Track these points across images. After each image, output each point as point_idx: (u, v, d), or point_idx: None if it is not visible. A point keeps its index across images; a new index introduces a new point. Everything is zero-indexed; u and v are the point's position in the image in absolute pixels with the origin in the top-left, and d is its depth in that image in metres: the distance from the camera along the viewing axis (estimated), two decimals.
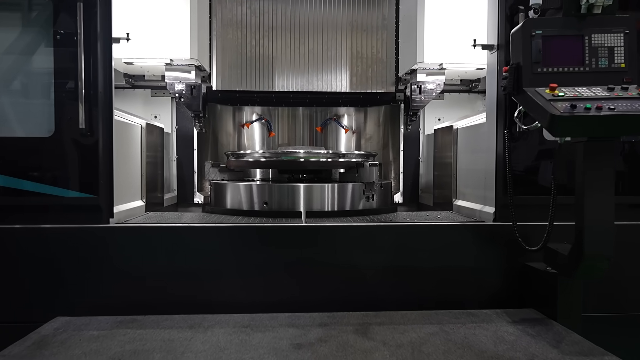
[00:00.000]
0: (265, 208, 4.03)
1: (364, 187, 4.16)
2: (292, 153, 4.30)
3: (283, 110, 5.87)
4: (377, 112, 5.81)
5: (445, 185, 4.79)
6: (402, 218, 3.90)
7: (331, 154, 4.36)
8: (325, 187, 4.05)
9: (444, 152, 4.87)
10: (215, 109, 5.63)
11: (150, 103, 5.48)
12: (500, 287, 3.49)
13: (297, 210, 3.98)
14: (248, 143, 5.80)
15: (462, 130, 4.45)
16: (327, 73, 5.31)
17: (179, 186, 5.51)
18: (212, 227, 3.41)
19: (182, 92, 4.62)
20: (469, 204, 4.16)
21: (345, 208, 4.09)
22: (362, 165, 4.18)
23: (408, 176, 5.69)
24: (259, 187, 4.08)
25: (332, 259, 3.38)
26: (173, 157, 5.50)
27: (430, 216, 4.03)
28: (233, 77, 5.23)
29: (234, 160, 4.52)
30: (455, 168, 4.55)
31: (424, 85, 4.78)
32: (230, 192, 4.22)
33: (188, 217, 3.84)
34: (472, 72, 5.02)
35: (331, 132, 5.91)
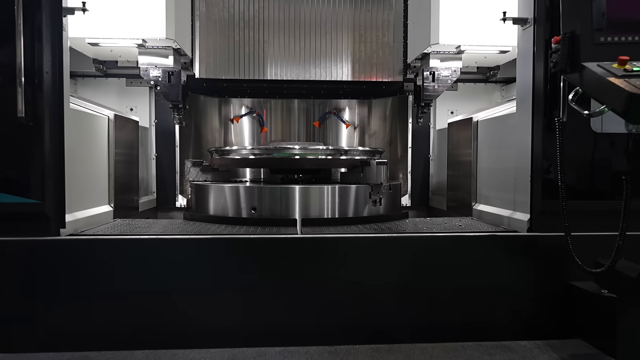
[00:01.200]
0: (253, 214, 3.39)
1: (370, 189, 3.53)
2: (285, 149, 3.67)
3: (276, 103, 5.23)
4: (382, 105, 5.18)
5: (461, 187, 4.17)
6: (417, 226, 3.27)
7: (331, 150, 3.73)
8: (325, 189, 3.42)
9: (459, 148, 4.24)
10: (199, 100, 4.99)
11: (126, 94, 4.84)
12: (538, 312, 2.87)
13: (291, 217, 3.34)
14: (236, 140, 5.16)
15: (485, 123, 3.82)
16: (326, 59, 4.68)
17: (159, 188, 4.87)
18: (187, 239, 2.77)
19: (158, 79, 3.98)
20: (493, 209, 3.54)
21: (347, 214, 3.46)
22: (367, 163, 3.55)
23: (417, 176, 5.06)
24: (247, 190, 3.44)
25: (334, 279, 2.76)
26: (152, 154, 4.86)
27: (449, 223, 3.41)
28: (219, 64, 4.59)
29: (218, 158, 3.88)
30: (475, 167, 3.93)
31: (438, 72, 4.15)
32: (214, 195, 3.58)
33: (160, 226, 3.20)
34: (492, 57, 4.39)
35: (330, 128, 5.28)
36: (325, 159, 3.65)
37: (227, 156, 3.82)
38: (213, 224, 3.34)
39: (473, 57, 4.41)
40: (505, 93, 5.06)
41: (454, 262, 2.86)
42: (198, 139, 5.01)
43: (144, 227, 3.18)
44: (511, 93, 4.94)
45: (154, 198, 4.85)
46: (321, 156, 3.65)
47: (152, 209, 4.76)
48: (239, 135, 5.17)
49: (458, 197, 4.25)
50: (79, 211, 3.05)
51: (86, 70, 4.58)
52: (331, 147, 3.73)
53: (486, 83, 5.10)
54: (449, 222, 3.47)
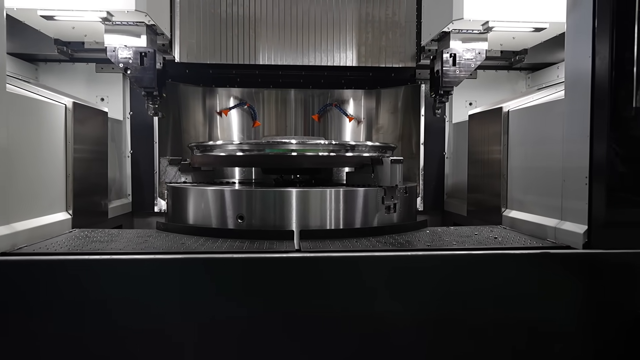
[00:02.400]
0: (241, 225, 2.76)
1: (384, 193, 2.91)
2: (280, 144, 3.04)
3: (270, 94, 4.61)
4: (391, 96, 4.56)
5: (485, 189, 3.56)
6: (442, 239, 2.65)
7: (335, 146, 3.09)
8: (327, 193, 2.79)
9: (484, 144, 3.62)
10: (180, 90, 4.35)
11: (95, 81, 4.19)
12: (602, 348, 2.25)
13: (287, 228, 2.71)
14: (224, 135, 4.52)
15: (518, 114, 3.21)
16: (327, 42, 4.05)
17: (135, 190, 4.23)
18: (150, 260, 2.14)
19: (129, 62, 3.34)
20: (531, 217, 2.93)
21: (354, 225, 2.83)
22: (380, 161, 2.93)
23: (430, 177, 4.44)
24: (233, 194, 2.81)
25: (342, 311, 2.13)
26: (126, 152, 4.22)
27: (481, 235, 2.79)
28: (203, 47, 3.94)
29: (200, 155, 3.25)
30: (505, 166, 3.31)
31: (460, 55, 3.52)
32: (193, 200, 2.95)
33: (124, 240, 2.56)
34: (521, 38, 3.77)
35: (332, 122, 4.67)
36: (327, 156, 3.02)
37: (211, 152, 3.18)
38: (191, 236, 2.70)
39: (499, 38, 3.78)
40: (531, 82, 4.44)
41: (494, 287, 2.25)
42: (180, 134, 4.37)
43: (102, 240, 2.55)
44: (538, 81, 4.33)
45: (129, 202, 4.21)
46: (323, 152, 3.02)
47: (126, 214, 4.12)
48: (227, 129, 4.54)
49: (482, 201, 3.63)
50: (19, 221, 2.43)
51: (49, 53, 3.93)
52: (335, 142, 3.10)
53: (509, 70, 4.48)
54: (479, 234, 2.84)
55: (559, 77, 3.97)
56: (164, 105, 4.12)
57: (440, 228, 3.08)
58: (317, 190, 2.78)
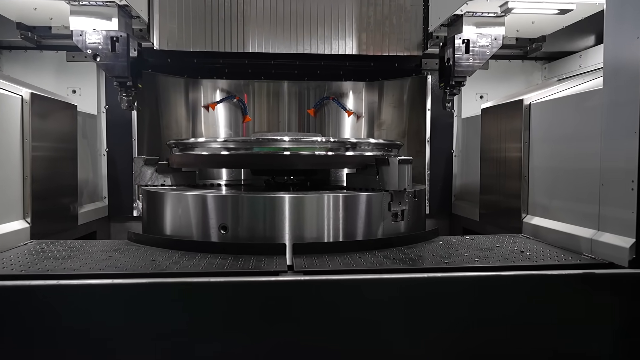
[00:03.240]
0: (224, 237, 2.36)
1: (390, 198, 2.52)
2: (271, 142, 2.63)
3: (261, 86, 4.20)
4: (394, 88, 4.16)
5: (501, 192, 3.18)
6: (459, 252, 2.25)
7: (334, 144, 2.69)
8: (325, 199, 2.39)
9: (499, 141, 3.24)
10: (160, 81, 3.93)
11: (66, 72, 3.77)
12: None
13: (278, 241, 2.31)
14: (210, 131, 4.12)
15: (542, 107, 2.82)
16: (324, 28, 3.64)
17: (112, 192, 3.82)
18: (107, 286, 1.73)
19: (98, 47, 2.93)
20: (560, 225, 2.57)
21: (356, 236, 2.44)
22: (385, 161, 2.53)
23: (437, 177, 4.05)
24: (215, 201, 2.41)
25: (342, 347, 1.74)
26: (101, 150, 3.80)
27: (503, 247, 2.40)
28: (185, 33, 3.53)
29: (180, 155, 2.84)
30: (526, 166, 2.93)
31: (474, 41, 3.13)
32: (170, 207, 2.55)
33: (83, 256, 2.16)
34: (541, 23, 3.39)
35: (329, 117, 4.27)
36: (325, 156, 2.62)
37: (191, 152, 2.78)
38: (166, 251, 2.30)
39: (516, 23, 3.40)
40: (547, 72, 4.05)
41: (527, 313, 1.87)
42: (161, 131, 3.96)
43: (59, 256, 2.14)
44: (556, 72, 3.94)
45: (105, 205, 3.80)
46: (319, 152, 2.62)
47: (101, 219, 3.72)
48: (214, 125, 4.13)
49: (497, 204, 3.25)
50: None
51: (12, 40, 3.50)
52: (333, 139, 2.69)
53: (524, 60, 4.09)
54: (501, 246, 2.46)
55: (581, 67, 3.59)
56: (143, 98, 3.71)
57: (454, 238, 2.69)
58: (313, 195, 2.38)
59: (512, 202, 3.04)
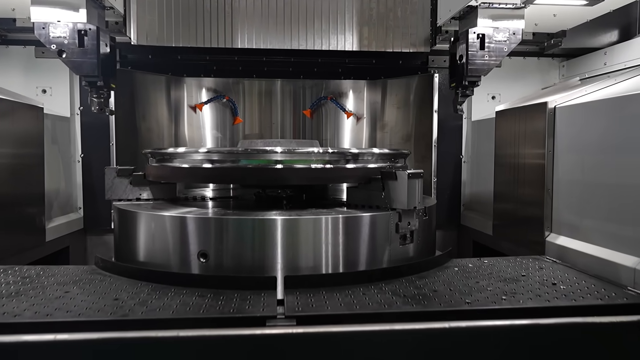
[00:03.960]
0: (205, 266, 2.01)
1: (398, 217, 2.17)
2: (261, 153, 2.27)
3: (251, 85, 3.84)
4: (397, 87, 3.80)
5: (517, 204, 2.86)
6: (483, 289, 1.92)
7: (332, 155, 2.33)
8: (323, 221, 2.04)
9: (516, 148, 2.90)
10: (138, 79, 3.55)
11: (36, 69, 3.39)
12: None
13: (267, 272, 1.96)
14: (196, 135, 3.76)
15: (570, 112, 2.48)
16: (322, 21, 3.28)
17: (88, 202, 3.46)
18: (50, 343, 1.38)
19: (64, 42, 2.56)
20: (593, 248, 2.24)
21: (359, 265, 2.10)
22: (392, 175, 2.18)
23: (444, 184, 3.70)
24: (194, 223, 2.05)
25: None
26: (76, 155, 3.45)
27: (531, 277, 2.06)
28: (167, 26, 3.16)
29: (156, 167, 2.48)
30: (550, 178, 2.59)
31: (490, 36, 2.77)
32: (143, 229, 2.19)
33: (33, 292, 1.80)
34: (564, 16, 3.05)
35: (327, 118, 3.92)
36: (322, 170, 2.26)
37: (170, 163, 2.42)
38: (135, 283, 1.95)
39: (535, 16, 3.05)
40: (566, 71, 3.70)
41: None
42: (143, 134, 3.59)
43: (4, 292, 1.79)
44: (576, 70, 3.59)
45: (80, 217, 3.45)
46: (316, 164, 2.26)
47: (75, 233, 3.37)
48: (201, 128, 3.77)
49: (514, 218, 2.91)
50: None
51: None
52: (331, 150, 2.33)
53: (540, 57, 3.74)
54: (528, 275, 2.12)
55: (606, 65, 3.24)
56: (121, 98, 3.36)
57: (470, 262, 2.35)
58: (309, 218, 2.03)
59: (532, 218, 2.70)
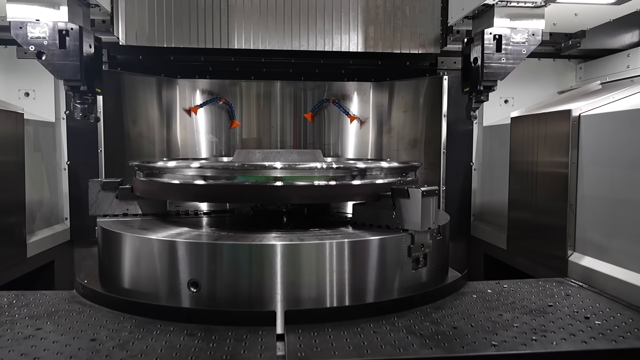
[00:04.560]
0: (197, 298, 1.80)
1: (411, 240, 1.96)
2: (258, 169, 2.05)
3: (249, 87, 3.63)
4: (404, 90, 3.59)
5: (533, 218, 2.67)
6: (507, 324, 1.71)
7: (337, 170, 2.11)
8: (327, 247, 1.83)
9: (533, 158, 2.70)
10: (126, 81, 3.33)
11: (18, 70, 3.18)
12: None
13: (265, 305, 1.75)
14: (190, 140, 3.54)
15: (598, 121, 2.27)
16: (325, 20, 3.06)
17: (75, 212, 3.25)
18: None
19: (43, 43, 2.34)
20: (626, 274, 2.06)
21: (367, 295, 1.88)
22: (404, 192, 1.97)
23: (454, 193, 3.49)
24: (186, 248, 1.84)
25: None
26: (61, 163, 3.23)
27: (559, 307, 1.86)
28: (158, 25, 2.94)
29: (144, 181, 2.26)
30: (573, 192, 2.38)
31: (507, 37, 2.56)
32: (128, 253, 1.98)
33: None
34: (586, 15, 2.83)
35: (329, 122, 3.71)
36: (326, 187, 2.04)
37: (159, 178, 2.20)
38: (118, 316, 1.74)
39: (555, 14, 2.83)
40: (583, 73, 3.49)
41: None
42: (132, 140, 3.38)
43: None
44: (595, 73, 3.37)
45: (67, 228, 3.23)
46: (320, 181, 2.04)
47: (61, 245, 3.16)
48: (195, 132, 3.56)
49: (530, 233, 2.71)
50: None
51: None
52: (335, 165, 2.11)
53: (555, 59, 3.52)
54: (555, 304, 1.91)
55: (629, 68, 3.03)
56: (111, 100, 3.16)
57: (489, 287, 2.14)
58: (312, 243, 1.81)
59: (552, 235, 2.50)
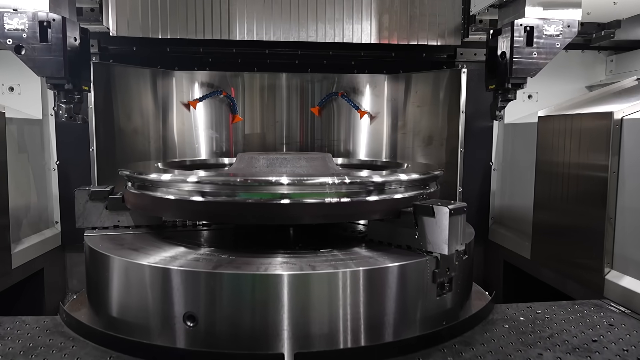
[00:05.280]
0: (193, 333, 1.57)
1: (436, 264, 1.73)
2: (263, 185, 1.80)
3: (252, 79, 3.38)
4: (420, 83, 3.32)
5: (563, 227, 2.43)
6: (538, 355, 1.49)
7: (352, 185, 1.84)
8: (340, 277, 1.60)
9: (565, 162, 2.45)
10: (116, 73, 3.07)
11: (1, 63, 2.93)
12: None
13: (270, 344, 1.53)
14: (187, 137, 3.30)
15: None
16: (335, 8, 2.79)
17: (66, 216, 3.02)
18: None
19: (22, 36, 2.09)
20: None
21: (387, 331, 1.65)
22: (428, 210, 1.73)
23: (471, 195, 3.25)
24: (181, 277, 1.61)
25: None
26: (50, 163, 3.01)
27: (608, 345, 1.63)
28: (152, 14, 2.68)
29: (135, 194, 2.02)
30: (613, 204, 2.15)
31: (540, 29, 2.29)
32: (117, 279, 1.75)
33: None
34: (625, 3, 2.55)
35: (338, 117, 3.46)
36: (338, 205, 1.79)
37: (151, 192, 1.95)
38: (104, 354, 1.52)
39: (591, 3, 2.56)
40: (614, 67, 3.21)
41: None
42: (127, 137, 3.14)
43: None
44: (628, 67, 3.11)
45: (57, 232, 3.02)
46: (331, 198, 1.79)
47: (52, 252, 2.95)
48: (193, 128, 3.31)
49: (560, 244, 2.48)
50: None
51: None
52: (349, 180, 1.85)
53: (584, 50, 3.25)
54: (599, 339, 1.69)
55: None
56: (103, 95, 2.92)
57: (520, 314, 1.91)
58: (323, 273, 1.58)
59: (585, 246, 2.28)
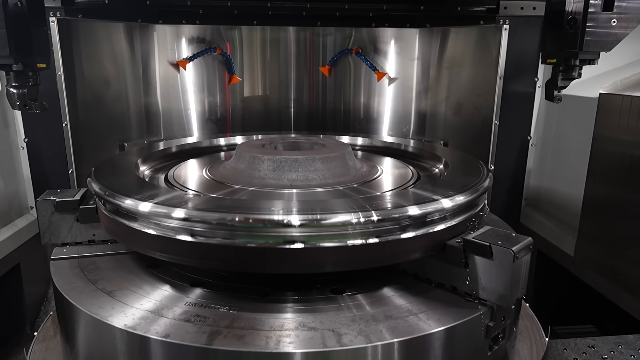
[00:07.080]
0: None
1: (491, 315, 1.35)
2: (267, 226, 1.31)
3: (251, 33, 2.89)
4: (452, 39, 2.82)
5: (626, 224, 2.04)
6: None
7: (379, 224, 1.31)
8: (369, 351, 1.21)
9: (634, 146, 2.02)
10: (83, 30, 2.56)
11: None
12: None
13: None
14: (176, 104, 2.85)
15: None
16: None
17: None
18: None
19: None
20: None
21: None
22: (485, 250, 1.33)
23: (504, 172, 2.85)
24: (164, 349, 1.23)
25: None
26: (18, 141, 2.58)
27: None
28: None
29: (109, 217, 1.56)
30: None
31: None
32: (86, 338, 1.38)
33: None
34: None
35: (352, 77, 3.00)
36: (365, 247, 1.34)
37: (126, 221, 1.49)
38: None
39: None
40: None
41: None
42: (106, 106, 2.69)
43: None
44: None
45: (33, 219, 2.66)
46: (356, 240, 1.34)
47: (28, 242, 2.60)
48: (182, 92, 2.85)
49: (617, 246, 2.11)
50: None
51: None
52: (376, 217, 1.30)
53: None
54: None
55: None
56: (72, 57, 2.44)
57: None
58: (348, 349, 1.20)
59: None
